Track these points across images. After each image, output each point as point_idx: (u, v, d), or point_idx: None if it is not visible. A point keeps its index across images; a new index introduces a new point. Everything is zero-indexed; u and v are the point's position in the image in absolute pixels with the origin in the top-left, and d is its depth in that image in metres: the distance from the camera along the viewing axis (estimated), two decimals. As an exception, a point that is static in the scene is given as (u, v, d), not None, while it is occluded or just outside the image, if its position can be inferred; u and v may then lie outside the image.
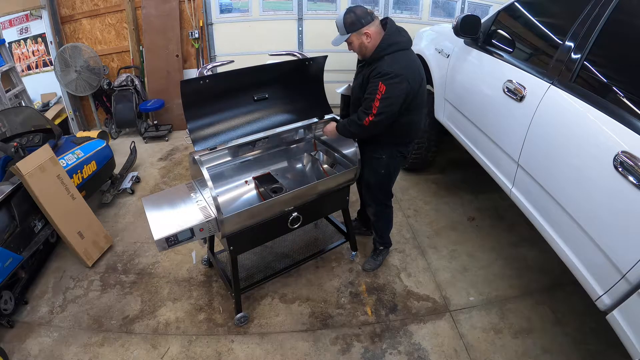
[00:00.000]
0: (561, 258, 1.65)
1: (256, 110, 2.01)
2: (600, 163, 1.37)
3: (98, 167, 2.99)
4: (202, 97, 1.79)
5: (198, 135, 1.83)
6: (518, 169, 1.91)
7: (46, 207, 2.31)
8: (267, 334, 2.05)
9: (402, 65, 1.79)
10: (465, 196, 3.12)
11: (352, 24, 1.80)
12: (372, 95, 1.77)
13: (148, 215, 1.80)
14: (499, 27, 2.34)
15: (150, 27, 4.32)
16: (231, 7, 4.42)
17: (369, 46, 1.84)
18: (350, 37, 1.83)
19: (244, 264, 2.37)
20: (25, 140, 2.78)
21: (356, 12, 1.81)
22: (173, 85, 4.34)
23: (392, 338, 2.02)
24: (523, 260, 2.47)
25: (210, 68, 2.16)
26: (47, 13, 4.11)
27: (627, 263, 1.28)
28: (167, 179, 3.54)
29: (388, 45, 1.80)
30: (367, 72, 1.85)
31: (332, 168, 2.28)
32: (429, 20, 4.34)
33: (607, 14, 1.53)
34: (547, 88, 1.73)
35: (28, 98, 3.98)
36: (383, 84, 1.75)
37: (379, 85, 1.75)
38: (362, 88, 1.89)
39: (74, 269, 2.52)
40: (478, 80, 2.38)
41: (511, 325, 2.05)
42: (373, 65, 1.83)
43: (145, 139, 4.29)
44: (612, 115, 1.38)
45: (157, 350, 1.99)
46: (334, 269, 2.45)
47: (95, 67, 4.23)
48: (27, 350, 2.00)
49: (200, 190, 1.95)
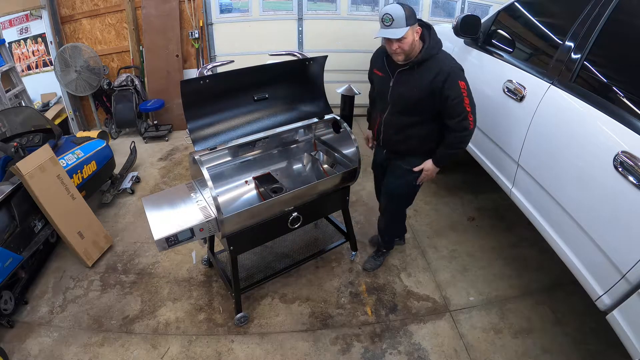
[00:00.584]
0: (561, 258, 1.65)
1: (256, 110, 2.00)
2: (601, 163, 1.37)
3: (98, 167, 2.99)
4: (202, 97, 1.78)
5: (198, 135, 1.83)
6: (518, 169, 1.91)
7: (46, 207, 2.31)
8: (267, 334, 2.05)
9: (455, 60, 1.73)
10: (465, 196, 3.12)
11: (411, 16, 1.62)
12: (459, 96, 1.67)
13: (148, 215, 1.80)
14: (499, 27, 2.34)
15: (150, 27, 4.32)
16: (231, 7, 4.42)
17: (417, 45, 1.71)
18: (408, 31, 1.62)
19: (244, 264, 2.37)
20: (25, 140, 2.78)
21: (410, 8, 1.64)
22: (173, 85, 4.34)
23: (392, 338, 2.02)
24: (523, 260, 2.47)
25: (210, 68, 2.16)
26: (47, 13, 4.10)
27: (627, 263, 1.28)
28: (167, 179, 3.54)
29: (437, 42, 1.72)
30: (426, 75, 1.70)
31: (332, 168, 2.28)
32: (429, 20, 4.33)
33: (607, 14, 1.54)
34: (547, 88, 1.73)
35: (28, 98, 3.98)
36: (462, 81, 1.67)
37: (459, 84, 1.66)
38: (420, 92, 1.73)
39: (74, 269, 2.52)
40: (478, 80, 2.37)
41: (511, 325, 2.05)
42: (427, 66, 1.70)
43: (145, 139, 4.29)
44: (612, 115, 1.39)
45: (157, 350, 1.99)
46: (334, 269, 2.45)
47: (95, 67, 4.23)
48: (27, 350, 2.00)
49: (200, 190, 1.95)
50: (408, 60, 1.74)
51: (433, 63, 1.70)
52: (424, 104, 1.77)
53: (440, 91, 1.69)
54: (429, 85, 1.70)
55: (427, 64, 1.71)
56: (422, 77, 1.72)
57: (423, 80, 1.72)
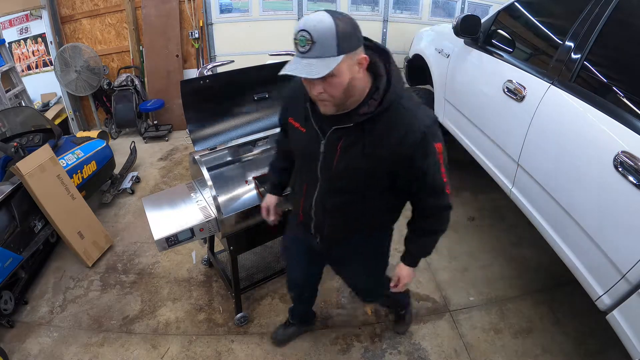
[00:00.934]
0: (561, 258, 1.65)
1: (256, 110, 2.00)
2: (600, 163, 1.37)
3: (98, 167, 2.99)
4: (202, 97, 1.78)
5: (198, 135, 1.83)
6: (518, 169, 1.91)
7: (46, 207, 2.31)
8: (267, 334, 2.05)
9: (426, 107, 1.12)
10: (465, 196, 3.11)
11: (349, 36, 0.94)
12: (435, 167, 1.10)
13: (148, 215, 1.80)
14: (499, 27, 2.34)
15: (150, 27, 4.32)
16: (231, 7, 4.42)
17: (362, 84, 1.02)
18: (341, 64, 0.94)
19: (244, 264, 2.36)
20: (25, 140, 2.78)
21: (350, 20, 0.96)
22: (173, 85, 4.34)
23: (392, 338, 2.02)
24: (523, 260, 2.47)
25: (210, 68, 2.16)
26: (47, 13, 4.11)
27: (627, 263, 1.28)
28: (167, 179, 3.54)
29: (399, 80, 1.06)
30: (385, 136, 1.05)
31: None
32: (429, 20, 4.34)
33: (607, 14, 1.54)
34: (547, 88, 1.73)
35: (28, 98, 3.98)
36: (439, 143, 1.08)
37: (436, 148, 1.07)
38: (374, 163, 1.09)
39: (74, 269, 2.52)
40: (478, 80, 2.38)
41: (511, 325, 2.05)
42: (386, 121, 1.04)
43: (145, 139, 4.29)
44: (612, 115, 1.39)
45: (157, 350, 1.99)
46: (334, 269, 2.45)
47: (95, 67, 4.23)
48: (27, 350, 2.00)
49: (200, 190, 1.95)
50: (344, 110, 1.05)
51: (396, 117, 1.04)
52: (380, 178, 1.14)
53: (411, 161, 1.07)
54: (391, 154, 1.06)
55: (386, 117, 1.04)
56: (379, 140, 1.06)
57: (380, 146, 1.06)
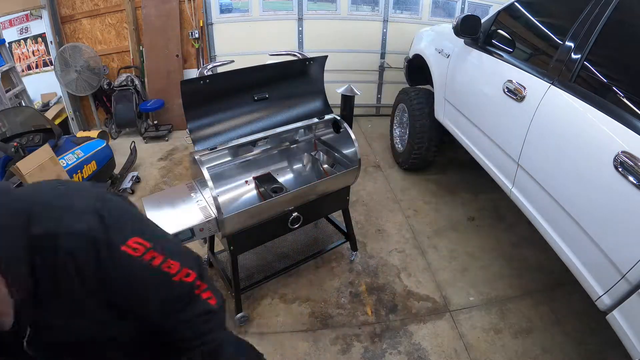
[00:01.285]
0: (561, 258, 1.65)
1: (256, 110, 2.00)
2: (600, 163, 1.37)
3: (98, 167, 2.99)
4: (202, 97, 1.78)
5: (198, 135, 1.83)
6: (518, 169, 1.91)
7: (46, 207, 2.31)
8: (267, 334, 2.05)
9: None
10: (465, 196, 3.12)
11: None
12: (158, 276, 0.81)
13: (148, 215, 1.79)
14: (499, 27, 2.34)
15: (150, 27, 4.32)
16: (231, 7, 4.41)
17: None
18: None
19: (244, 264, 2.36)
20: (25, 140, 2.78)
21: None
22: (173, 85, 4.34)
23: (392, 338, 2.02)
24: (523, 260, 2.47)
25: (211, 68, 2.16)
26: (47, 13, 4.10)
27: (627, 263, 1.28)
28: (167, 179, 3.54)
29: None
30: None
31: (332, 168, 2.28)
32: (429, 20, 4.34)
33: (607, 14, 1.54)
34: (547, 88, 1.73)
35: (28, 98, 3.98)
36: (134, 237, 0.77)
37: (129, 253, 0.75)
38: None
39: (74, 269, 2.51)
40: (478, 80, 2.38)
41: (511, 325, 2.05)
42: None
43: (145, 139, 4.29)
44: (612, 115, 1.39)
45: (157, 350, 1.99)
46: (334, 269, 2.45)
47: (95, 67, 4.22)
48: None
49: (200, 190, 1.95)
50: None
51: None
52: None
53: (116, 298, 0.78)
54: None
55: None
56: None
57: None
